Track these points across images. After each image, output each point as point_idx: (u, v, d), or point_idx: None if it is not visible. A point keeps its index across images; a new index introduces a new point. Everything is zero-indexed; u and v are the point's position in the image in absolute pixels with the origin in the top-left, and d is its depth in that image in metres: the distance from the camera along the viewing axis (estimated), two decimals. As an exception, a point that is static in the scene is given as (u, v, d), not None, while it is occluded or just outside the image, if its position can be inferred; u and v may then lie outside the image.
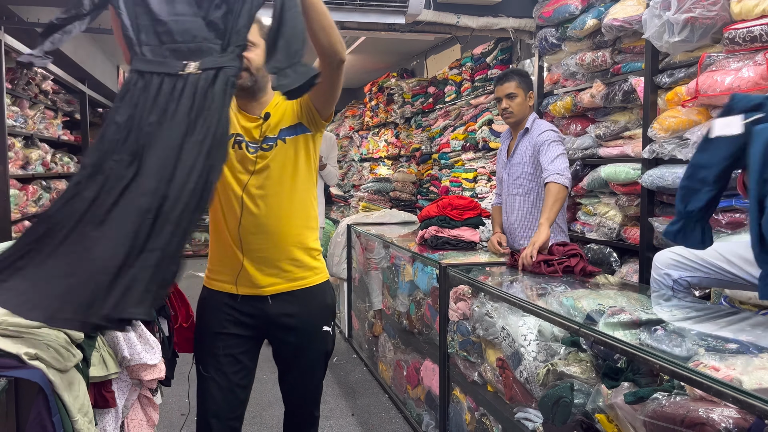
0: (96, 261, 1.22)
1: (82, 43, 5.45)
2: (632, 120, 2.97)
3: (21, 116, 4.39)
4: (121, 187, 1.31)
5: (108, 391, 1.51)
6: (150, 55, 1.46)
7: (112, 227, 1.26)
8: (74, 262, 1.23)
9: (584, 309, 1.74)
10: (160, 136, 1.37)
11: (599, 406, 1.62)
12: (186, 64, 1.43)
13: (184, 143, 1.35)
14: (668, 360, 1.25)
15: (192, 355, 1.91)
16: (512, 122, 2.89)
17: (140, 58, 1.46)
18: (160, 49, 1.46)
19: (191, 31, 1.46)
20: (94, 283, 1.19)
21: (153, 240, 1.25)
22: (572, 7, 3.26)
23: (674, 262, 1.95)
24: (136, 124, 1.39)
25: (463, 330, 2.42)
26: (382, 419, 3.22)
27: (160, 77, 1.43)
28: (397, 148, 6.75)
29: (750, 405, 1.05)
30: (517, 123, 2.88)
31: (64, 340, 1.33)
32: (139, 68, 1.45)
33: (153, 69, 1.44)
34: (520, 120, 2.86)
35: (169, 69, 1.43)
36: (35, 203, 4.51)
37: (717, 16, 2.33)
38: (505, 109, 2.84)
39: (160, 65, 1.44)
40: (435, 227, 2.96)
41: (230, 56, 1.46)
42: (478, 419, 2.34)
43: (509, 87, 2.83)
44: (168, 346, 1.88)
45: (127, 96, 1.43)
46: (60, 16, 1.49)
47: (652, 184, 2.66)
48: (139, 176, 1.33)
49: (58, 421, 1.19)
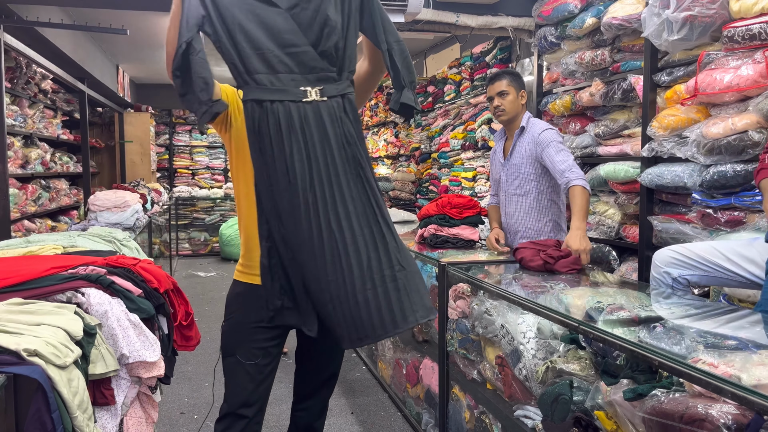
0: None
1: (82, 42, 5.45)
2: (631, 118, 2.98)
3: (20, 115, 4.39)
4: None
5: (107, 389, 1.51)
6: (267, 83, 1.49)
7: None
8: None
9: (583, 307, 1.74)
10: (313, 165, 1.49)
11: (598, 403, 1.62)
12: (306, 91, 1.49)
13: (339, 168, 1.52)
14: (667, 357, 1.25)
15: (214, 349, 1.92)
16: (505, 120, 2.88)
17: (255, 87, 1.50)
18: (276, 78, 1.50)
19: (306, 61, 1.51)
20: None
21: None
22: (571, 6, 3.26)
23: (674, 261, 1.95)
24: (278, 152, 1.49)
25: (463, 328, 2.42)
26: (381, 418, 3.22)
27: (284, 105, 1.49)
28: (397, 147, 6.76)
29: (748, 401, 1.05)
30: (510, 121, 2.87)
31: (63, 336, 1.33)
32: (256, 97, 1.49)
33: (274, 97, 1.48)
34: (513, 118, 2.85)
35: (291, 97, 1.49)
36: (34, 202, 4.51)
37: (716, 15, 2.33)
38: (497, 107, 2.84)
39: (280, 93, 1.49)
40: (434, 226, 2.96)
41: (346, 83, 1.56)
42: (477, 417, 2.35)
43: (501, 85, 2.84)
44: (167, 344, 1.88)
45: (255, 126, 1.49)
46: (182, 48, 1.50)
47: (651, 182, 2.66)
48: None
49: (57, 417, 1.19)
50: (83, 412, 1.27)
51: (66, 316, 1.43)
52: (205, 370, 3.90)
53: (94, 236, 2.59)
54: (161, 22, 5.40)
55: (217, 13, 1.50)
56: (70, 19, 4.69)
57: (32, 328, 1.32)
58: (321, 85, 1.50)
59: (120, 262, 1.89)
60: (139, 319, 1.67)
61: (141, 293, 1.77)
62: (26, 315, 1.40)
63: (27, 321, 1.36)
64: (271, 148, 1.50)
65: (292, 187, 1.50)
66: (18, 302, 1.47)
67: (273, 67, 1.49)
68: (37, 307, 1.47)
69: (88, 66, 5.59)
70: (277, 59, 1.49)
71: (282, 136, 1.49)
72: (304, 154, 1.49)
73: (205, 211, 9.32)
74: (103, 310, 1.59)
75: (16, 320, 1.35)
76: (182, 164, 10.06)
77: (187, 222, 9.17)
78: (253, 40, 1.49)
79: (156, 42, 6.26)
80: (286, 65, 1.49)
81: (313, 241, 1.51)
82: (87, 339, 1.42)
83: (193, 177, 10.08)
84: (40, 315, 1.41)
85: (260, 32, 1.49)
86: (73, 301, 1.59)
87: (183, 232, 9.06)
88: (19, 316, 1.39)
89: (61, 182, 5.29)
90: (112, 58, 7.09)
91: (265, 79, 1.49)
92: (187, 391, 3.55)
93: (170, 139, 10.01)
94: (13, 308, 1.43)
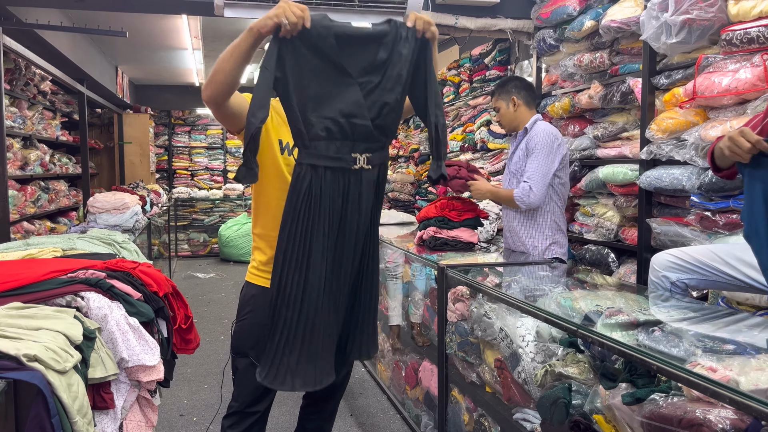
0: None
1: (81, 44, 5.45)
2: (630, 121, 2.98)
3: (19, 117, 4.39)
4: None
5: (107, 393, 1.51)
6: (324, 150, 1.58)
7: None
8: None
9: (582, 310, 1.74)
10: (353, 223, 1.65)
11: (597, 407, 1.62)
12: (356, 158, 1.60)
13: (370, 230, 1.71)
14: (665, 361, 1.25)
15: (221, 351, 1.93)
16: (507, 130, 3.07)
17: (314, 153, 1.58)
18: (333, 144, 1.58)
19: (363, 132, 1.59)
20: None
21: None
22: (570, 9, 3.27)
23: (672, 265, 1.95)
24: (329, 213, 1.61)
25: (462, 331, 2.42)
26: (380, 420, 3.23)
27: (334, 172, 1.59)
28: (396, 148, 6.76)
29: (747, 406, 1.05)
30: (513, 129, 3.02)
31: (63, 341, 1.33)
32: (313, 162, 1.58)
33: (327, 164, 1.58)
34: (514, 126, 2.99)
35: (343, 164, 1.59)
36: (33, 204, 4.51)
37: (714, 18, 2.33)
38: (498, 121, 3.11)
39: (335, 161, 1.58)
40: (433, 228, 2.96)
41: (387, 149, 1.70)
42: (476, 420, 2.35)
43: (493, 102, 3.04)
44: (167, 348, 1.88)
45: (305, 186, 1.59)
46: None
47: (649, 185, 2.67)
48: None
49: (57, 422, 1.19)
50: (83, 416, 1.27)
51: (65, 321, 1.43)
52: (204, 371, 3.90)
53: (93, 239, 2.59)
54: (160, 24, 5.40)
55: (293, 76, 1.55)
56: (70, 21, 4.68)
57: (32, 333, 1.32)
58: (369, 153, 1.62)
59: (119, 265, 1.89)
60: (138, 323, 1.67)
61: (140, 297, 1.78)
62: (26, 319, 1.40)
63: (26, 325, 1.36)
64: (309, 205, 1.59)
65: (325, 242, 1.62)
66: (17, 306, 1.47)
67: (333, 135, 1.57)
68: (36, 311, 1.47)
69: (87, 67, 5.59)
70: (337, 127, 1.57)
71: (321, 198, 1.59)
72: (338, 218, 1.62)
73: (204, 212, 9.31)
74: (103, 313, 1.59)
75: (15, 325, 1.35)
76: (181, 165, 10.05)
77: (186, 223, 9.17)
78: (320, 108, 1.56)
79: (155, 44, 6.25)
80: (345, 132, 1.58)
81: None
82: (86, 343, 1.42)
83: (192, 178, 10.07)
84: (40, 319, 1.41)
85: (328, 100, 1.56)
86: (72, 305, 1.59)
87: (182, 233, 9.06)
88: (19, 320, 1.39)
89: (60, 183, 5.29)
90: (111, 59, 7.08)
91: (323, 146, 1.58)
92: (187, 393, 3.54)
93: (169, 140, 10.00)
94: (13, 312, 1.43)
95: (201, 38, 5.81)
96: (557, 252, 2.82)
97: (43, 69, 4.38)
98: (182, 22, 5.29)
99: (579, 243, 3.29)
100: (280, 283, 1.60)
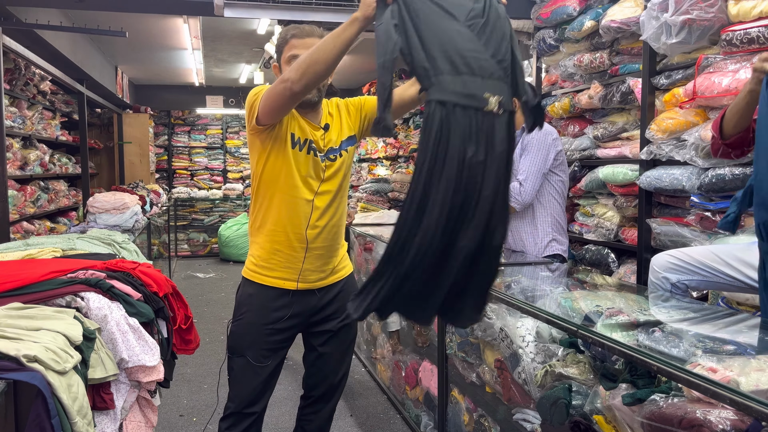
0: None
1: (81, 43, 5.44)
2: (630, 121, 2.98)
3: (19, 117, 4.39)
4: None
5: (107, 393, 1.51)
6: (452, 84, 1.48)
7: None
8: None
9: (582, 310, 1.74)
10: (488, 174, 1.48)
11: (597, 408, 1.62)
12: (488, 99, 1.48)
13: (501, 185, 1.51)
14: (666, 361, 1.25)
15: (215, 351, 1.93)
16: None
17: (438, 88, 1.48)
18: (461, 79, 1.48)
19: (487, 66, 1.51)
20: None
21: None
22: (570, 9, 3.26)
23: (672, 266, 1.95)
24: (459, 156, 1.46)
25: (462, 331, 2.42)
26: (380, 420, 3.23)
27: (465, 111, 1.47)
28: (396, 148, 6.76)
29: (747, 407, 1.05)
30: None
31: (63, 341, 1.33)
32: (440, 98, 1.47)
33: (457, 100, 1.47)
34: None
35: (475, 103, 1.48)
36: (33, 204, 4.51)
37: (714, 18, 2.33)
38: None
39: (465, 98, 1.47)
40: (433, 228, 2.96)
41: (512, 100, 1.55)
42: (476, 420, 2.35)
43: None
44: (167, 348, 1.88)
45: (436, 127, 1.47)
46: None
47: (649, 185, 2.67)
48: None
49: (57, 423, 1.19)
50: (83, 417, 1.27)
51: (65, 321, 1.43)
52: (204, 371, 3.90)
53: (93, 239, 2.59)
54: (160, 24, 5.40)
55: (410, 20, 1.50)
56: (69, 21, 4.68)
57: (32, 334, 1.32)
58: (500, 95, 1.51)
59: (119, 265, 1.89)
60: (138, 324, 1.67)
61: (140, 297, 1.78)
62: (25, 320, 1.40)
63: (26, 326, 1.36)
64: (439, 147, 1.47)
65: (457, 188, 1.48)
66: (17, 307, 1.47)
67: (458, 69, 1.49)
68: (36, 311, 1.47)
69: (87, 67, 5.59)
70: (462, 60, 1.49)
71: (450, 137, 1.47)
72: (470, 162, 1.48)
73: (204, 212, 9.32)
74: (103, 314, 1.59)
75: (15, 325, 1.35)
76: (181, 165, 10.05)
77: (186, 223, 9.17)
78: (441, 45, 1.50)
79: (155, 44, 6.25)
80: (470, 66, 1.49)
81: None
82: (86, 344, 1.42)
83: (192, 178, 10.07)
84: (40, 320, 1.41)
85: (447, 38, 1.50)
86: (72, 306, 1.59)
87: (182, 233, 9.06)
88: (19, 321, 1.39)
89: (60, 183, 5.29)
90: (111, 59, 7.08)
91: (450, 81, 1.48)
92: (186, 393, 3.54)
93: (169, 140, 10.00)
94: (13, 313, 1.43)
95: (201, 38, 5.81)
96: (558, 249, 2.82)
97: (43, 69, 4.37)
98: (182, 22, 5.29)
99: (579, 243, 3.29)
100: (405, 216, 1.49)
